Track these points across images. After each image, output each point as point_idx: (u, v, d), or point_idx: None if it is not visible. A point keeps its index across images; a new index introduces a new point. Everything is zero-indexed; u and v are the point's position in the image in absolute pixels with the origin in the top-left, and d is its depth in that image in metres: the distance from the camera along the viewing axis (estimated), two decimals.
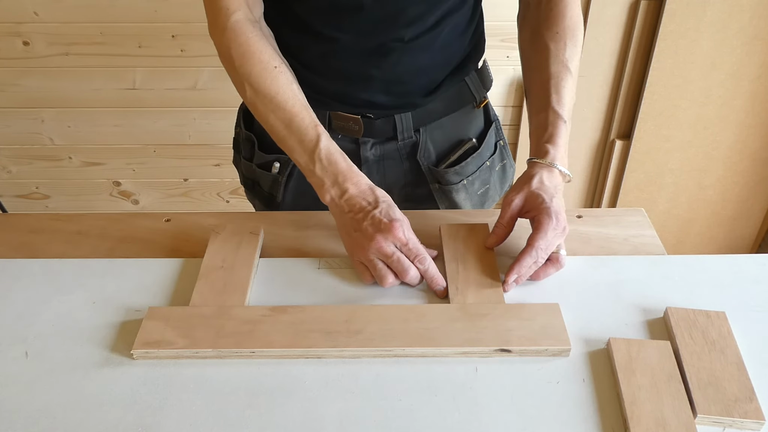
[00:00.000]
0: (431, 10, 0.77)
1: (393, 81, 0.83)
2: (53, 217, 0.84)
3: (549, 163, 0.74)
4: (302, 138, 0.73)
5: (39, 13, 1.55)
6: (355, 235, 0.71)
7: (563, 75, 0.78)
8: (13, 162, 1.85)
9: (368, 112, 0.85)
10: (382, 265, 0.70)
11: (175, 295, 0.71)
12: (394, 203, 0.73)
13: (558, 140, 0.75)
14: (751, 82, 1.63)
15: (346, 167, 0.73)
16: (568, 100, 0.77)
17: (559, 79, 0.78)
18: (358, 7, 0.75)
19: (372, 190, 0.73)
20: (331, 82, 0.83)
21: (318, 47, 0.81)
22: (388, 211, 0.71)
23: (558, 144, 0.75)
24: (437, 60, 0.83)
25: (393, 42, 0.79)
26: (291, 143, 0.75)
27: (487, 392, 0.60)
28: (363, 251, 0.70)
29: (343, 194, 0.72)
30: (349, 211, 0.72)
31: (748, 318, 0.67)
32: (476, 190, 0.94)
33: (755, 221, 1.91)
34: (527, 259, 0.69)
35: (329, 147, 0.73)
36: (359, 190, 0.72)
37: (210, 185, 1.92)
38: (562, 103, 0.77)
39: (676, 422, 0.55)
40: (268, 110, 0.75)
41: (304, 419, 0.58)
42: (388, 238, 0.69)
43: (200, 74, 1.66)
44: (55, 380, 0.62)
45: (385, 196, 0.73)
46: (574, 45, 0.79)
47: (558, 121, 0.76)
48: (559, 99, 0.77)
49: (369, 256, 0.70)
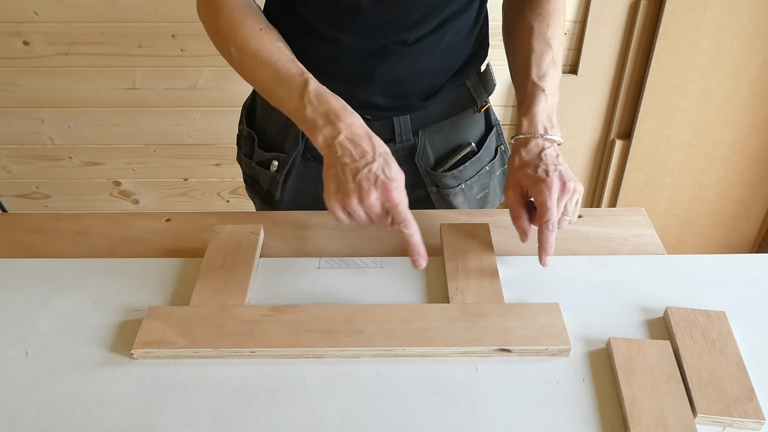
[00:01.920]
0: (434, 14, 0.77)
1: (394, 83, 0.82)
2: (53, 217, 0.84)
3: (524, 135, 0.73)
4: (290, 86, 0.72)
5: (39, 13, 1.55)
6: (344, 183, 0.67)
7: (545, 50, 0.78)
8: (13, 162, 1.85)
9: (367, 113, 0.85)
10: (366, 216, 0.68)
11: (175, 295, 0.71)
12: (391, 155, 0.70)
13: (534, 109, 0.74)
14: (751, 82, 1.63)
15: (339, 106, 0.70)
16: (549, 72, 0.77)
17: (540, 54, 0.78)
18: (360, 9, 0.75)
19: (369, 137, 0.69)
20: (332, 83, 0.83)
21: (321, 49, 0.81)
22: (385, 167, 0.67)
23: (534, 113, 0.74)
24: (439, 63, 0.83)
25: (395, 45, 0.78)
26: (280, 93, 0.73)
27: (487, 392, 0.60)
28: (350, 202, 0.66)
29: (336, 135, 0.69)
30: (342, 155, 0.68)
31: (748, 318, 0.67)
32: (475, 194, 0.94)
33: (755, 221, 1.91)
34: (548, 236, 0.68)
35: (318, 89, 0.71)
36: (354, 133, 0.69)
37: (210, 185, 1.92)
38: (541, 74, 0.76)
39: (676, 422, 0.55)
40: (254, 67, 0.74)
41: (304, 419, 0.58)
42: (381, 197, 0.66)
43: (200, 74, 1.66)
44: (55, 380, 0.62)
45: (383, 146, 0.70)
46: (557, 26, 0.80)
47: (535, 92, 0.75)
48: (538, 71, 0.77)
49: (355, 208, 0.67)
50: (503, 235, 0.81)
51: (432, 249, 0.78)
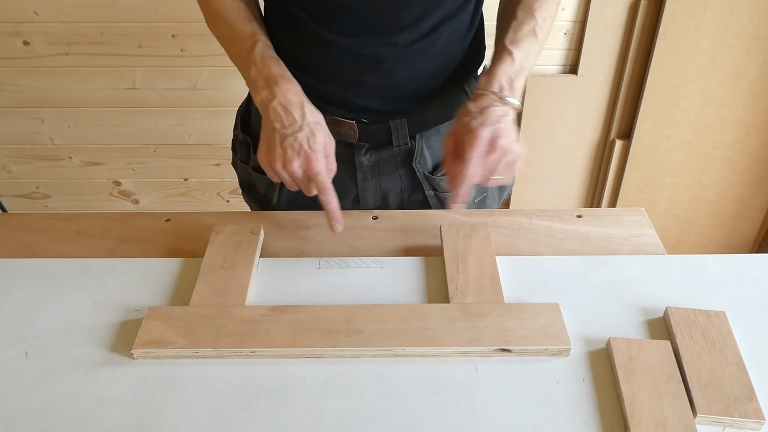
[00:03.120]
0: (426, 16, 0.77)
1: (388, 87, 0.82)
2: (53, 217, 0.84)
3: (478, 91, 0.74)
4: (241, 45, 0.76)
5: (39, 13, 1.55)
6: (272, 146, 0.73)
7: (527, 19, 0.77)
8: (13, 162, 1.85)
9: (363, 117, 0.85)
10: (291, 179, 0.74)
11: (175, 294, 0.71)
12: (322, 123, 0.74)
13: (495, 68, 0.74)
14: (751, 82, 1.63)
15: (279, 72, 0.74)
16: (525, 40, 0.76)
17: (521, 22, 0.77)
18: (350, 7, 0.75)
19: (300, 106, 0.73)
20: (327, 86, 0.83)
21: (314, 51, 0.81)
22: (310, 137, 0.72)
23: (494, 71, 0.74)
24: (434, 67, 0.83)
25: (387, 47, 0.78)
26: (234, 51, 0.77)
27: (487, 392, 0.60)
28: (275, 164, 0.72)
29: (271, 99, 0.73)
30: (273, 119, 0.73)
31: (748, 318, 0.67)
32: (473, 198, 0.94)
33: (755, 221, 1.91)
34: (457, 186, 0.70)
35: (264, 51, 0.75)
36: (288, 99, 0.73)
37: (210, 185, 1.92)
38: (515, 40, 0.76)
39: (676, 422, 0.55)
40: (216, 24, 0.78)
41: (304, 419, 0.58)
42: (302, 165, 0.71)
43: (200, 74, 1.66)
44: (55, 380, 0.62)
45: (314, 115, 0.74)
46: (546, 1, 0.78)
47: (503, 54, 0.75)
48: (514, 36, 0.76)
49: (280, 171, 0.73)
50: (503, 235, 0.81)
51: (432, 249, 0.78)
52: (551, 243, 0.79)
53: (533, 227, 0.82)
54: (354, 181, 0.90)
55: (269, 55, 0.75)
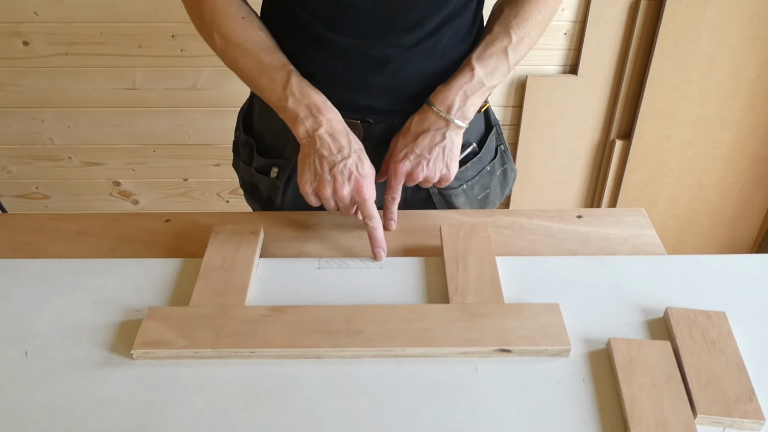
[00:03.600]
0: (432, 15, 0.77)
1: (394, 87, 0.82)
2: (53, 217, 0.84)
3: (427, 103, 0.78)
4: (273, 76, 0.75)
5: (39, 13, 1.55)
6: (321, 174, 0.74)
7: (500, 37, 0.77)
8: (13, 162, 1.85)
9: (368, 117, 0.85)
10: (335, 204, 0.76)
11: (175, 295, 0.71)
12: (365, 152, 0.76)
13: (451, 82, 0.77)
14: (751, 82, 1.63)
15: (321, 100, 0.75)
16: (492, 58, 0.77)
17: (494, 38, 0.77)
18: (355, 8, 0.75)
19: (346, 133, 0.75)
20: (332, 87, 0.83)
21: (319, 53, 0.80)
22: (358, 163, 0.74)
23: (448, 86, 0.77)
24: (438, 66, 0.83)
25: (393, 48, 0.78)
26: (263, 83, 0.76)
27: (487, 392, 0.60)
28: (324, 191, 0.74)
29: (318, 127, 0.74)
30: (320, 147, 0.74)
31: (748, 318, 0.67)
32: (476, 194, 0.94)
33: (755, 221, 1.91)
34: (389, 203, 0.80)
35: (301, 82, 0.75)
36: (333, 128, 0.75)
37: (210, 185, 1.92)
38: (481, 57, 0.77)
39: (676, 422, 0.55)
40: (237, 56, 0.76)
41: (304, 419, 0.58)
42: (352, 191, 0.74)
43: (200, 74, 1.66)
44: (55, 380, 0.62)
45: (358, 143, 0.76)
46: (528, 19, 0.78)
47: (464, 69, 0.77)
48: (482, 52, 0.77)
49: (327, 197, 0.74)
50: (503, 235, 0.81)
51: (432, 249, 0.78)
52: (551, 243, 0.79)
53: (533, 227, 0.82)
54: None
55: (307, 84, 0.76)
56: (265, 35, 0.77)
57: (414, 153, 0.78)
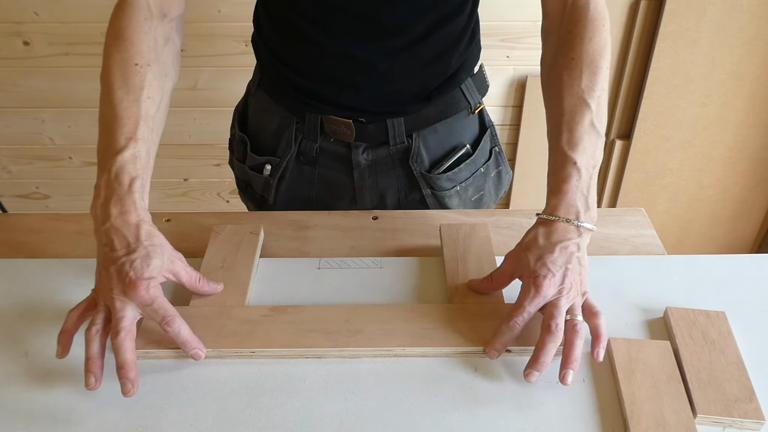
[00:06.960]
0: (419, 20, 0.76)
1: (383, 89, 0.82)
2: (53, 217, 0.84)
3: (546, 216, 0.64)
4: (110, 143, 0.64)
5: (39, 13, 1.55)
6: (102, 273, 0.61)
7: (578, 109, 0.66)
8: (13, 162, 1.85)
9: (360, 116, 0.84)
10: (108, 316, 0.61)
11: (175, 295, 0.71)
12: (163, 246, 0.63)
13: (564, 187, 0.64)
14: (751, 82, 1.63)
15: (124, 192, 0.62)
16: (584, 138, 0.66)
17: (573, 115, 0.66)
18: (338, 11, 0.75)
19: (137, 228, 0.61)
20: (323, 87, 0.83)
21: (307, 52, 0.80)
22: (143, 262, 0.60)
23: (563, 191, 0.64)
24: (429, 70, 0.82)
25: (378, 51, 0.78)
26: (101, 141, 0.66)
27: (487, 392, 0.60)
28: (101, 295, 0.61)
29: (105, 221, 0.62)
30: (105, 244, 0.62)
31: (748, 318, 0.67)
32: (470, 196, 0.94)
33: (755, 221, 1.91)
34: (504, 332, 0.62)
35: (126, 166, 0.63)
36: (124, 222, 0.61)
37: (210, 185, 1.92)
38: (573, 143, 0.65)
39: (676, 422, 0.55)
40: (103, 96, 0.67)
41: (304, 419, 0.58)
42: (129, 295, 0.59)
43: (200, 74, 1.66)
44: (55, 380, 0.62)
45: (151, 238, 0.62)
46: (593, 73, 0.67)
47: (566, 165, 0.65)
48: (570, 138, 0.66)
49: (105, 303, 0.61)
50: (503, 235, 0.81)
51: (432, 249, 0.78)
52: None
53: None
54: (351, 180, 0.90)
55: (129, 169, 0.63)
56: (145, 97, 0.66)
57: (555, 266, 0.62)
